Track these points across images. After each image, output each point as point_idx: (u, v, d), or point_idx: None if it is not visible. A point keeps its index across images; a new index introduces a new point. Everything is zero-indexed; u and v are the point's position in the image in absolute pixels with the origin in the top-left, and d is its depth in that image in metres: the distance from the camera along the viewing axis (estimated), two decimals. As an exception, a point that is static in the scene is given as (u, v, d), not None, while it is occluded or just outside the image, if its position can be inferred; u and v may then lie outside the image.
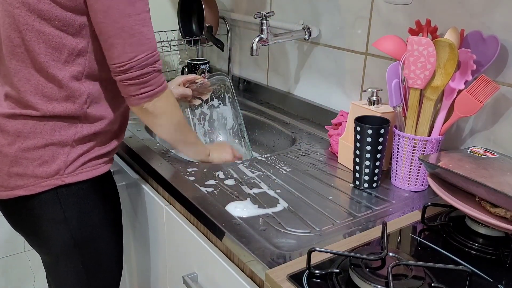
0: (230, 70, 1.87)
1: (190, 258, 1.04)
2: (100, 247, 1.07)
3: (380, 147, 1.01)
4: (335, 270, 0.73)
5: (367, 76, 1.31)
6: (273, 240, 0.85)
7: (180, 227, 1.04)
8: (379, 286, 0.68)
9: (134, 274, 1.44)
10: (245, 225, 0.89)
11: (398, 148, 1.04)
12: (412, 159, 1.02)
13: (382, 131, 0.99)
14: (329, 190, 1.04)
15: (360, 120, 1.03)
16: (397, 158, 1.04)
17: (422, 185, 1.05)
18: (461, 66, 0.98)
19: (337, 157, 1.21)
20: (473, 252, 0.81)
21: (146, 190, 1.18)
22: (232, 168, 1.14)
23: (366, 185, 1.04)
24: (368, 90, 1.11)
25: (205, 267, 0.98)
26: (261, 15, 1.32)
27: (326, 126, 1.32)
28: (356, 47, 1.33)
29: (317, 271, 0.74)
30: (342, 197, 1.01)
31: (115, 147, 1.08)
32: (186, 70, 1.81)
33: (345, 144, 1.16)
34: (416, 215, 0.94)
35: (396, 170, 1.06)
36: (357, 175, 1.05)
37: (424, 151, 1.01)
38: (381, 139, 1.00)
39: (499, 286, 0.72)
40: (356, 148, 1.03)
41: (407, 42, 0.98)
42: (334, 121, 1.26)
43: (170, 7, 1.95)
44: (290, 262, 0.77)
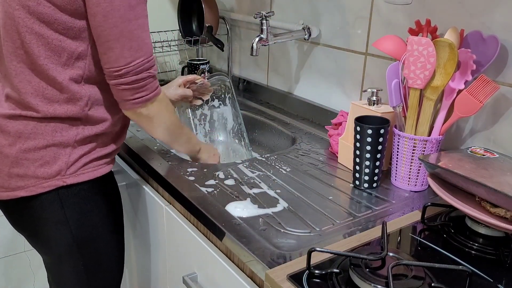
0: (230, 70, 1.87)
1: (190, 258, 1.04)
2: (100, 248, 1.07)
3: (380, 147, 1.01)
4: (335, 270, 0.73)
5: (367, 76, 1.31)
6: (273, 240, 0.85)
7: (180, 227, 1.05)
8: (379, 286, 0.68)
9: (134, 274, 1.44)
10: (245, 225, 0.89)
11: (398, 148, 1.04)
12: (412, 159, 1.02)
13: (382, 131, 0.99)
14: (329, 190, 1.04)
15: (360, 120, 1.03)
16: (397, 158, 1.04)
17: (422, 185, 1.05)
18: (461, 66, 0.98)
19: (337, 157, 1.21)
20: (473, 252, 0.81)
21: (146, 190, 1.18)
22: (232, 168, 1.14)
23: (366, 185, 1.04)
24: (368, 90, 1.11)
25: (205, 267, 0.99)
26: (261, 15, 1.32)
27: (326, 126, 1.32)
28: (356, 47, 1.33)
29: (317, 271, 0.74)
30: (342, 197, 1.01)
31: (117, 148, 1.07)
32: (186, 70, 1.81)
33: (345, 144, 1.16)
34: (416, 215, 0.94)
35: (396, 170, 1.06)
36: (357, 175, 1.05)
37: (424, 151, 1.01)
38: (381, 139, 1.00)
39: (499, 286, 0.72)
40: (356, 148, 1.03)
41: (407, 42, 0.98)
42: (334, 121, 1.26)
43: (170, 7, 1.95)
44: (290, 262, 0.77)
